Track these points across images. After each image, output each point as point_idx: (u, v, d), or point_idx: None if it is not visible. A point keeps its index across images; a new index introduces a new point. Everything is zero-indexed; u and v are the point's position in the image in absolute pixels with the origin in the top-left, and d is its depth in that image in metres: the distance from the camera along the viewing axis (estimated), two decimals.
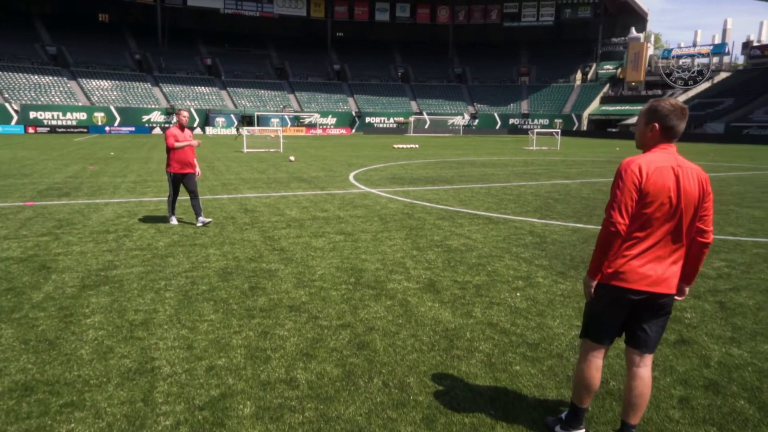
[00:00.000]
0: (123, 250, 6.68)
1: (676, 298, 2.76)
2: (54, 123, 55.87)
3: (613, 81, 74.82)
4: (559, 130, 41.61)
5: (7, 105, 53.56)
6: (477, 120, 74.08)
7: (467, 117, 73.46)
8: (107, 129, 57.76)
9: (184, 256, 6.43)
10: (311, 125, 67.84)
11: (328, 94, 74.21)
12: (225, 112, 65.11)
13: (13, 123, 53.51)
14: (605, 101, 72.05)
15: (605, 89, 73.64)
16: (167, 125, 61.17)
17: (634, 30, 74.44)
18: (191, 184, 8.29)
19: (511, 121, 73.47)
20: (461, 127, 70.64)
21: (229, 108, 66.60)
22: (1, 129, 51.72)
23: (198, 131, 61.16)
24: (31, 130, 53.72)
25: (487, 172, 17.92)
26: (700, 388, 3.38)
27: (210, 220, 8.36)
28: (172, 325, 4.28)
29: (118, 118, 59.14)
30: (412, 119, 68.92)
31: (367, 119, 71.78)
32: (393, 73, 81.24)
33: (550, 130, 40.90)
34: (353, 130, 70.55)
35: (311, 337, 4.10)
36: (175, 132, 8.10)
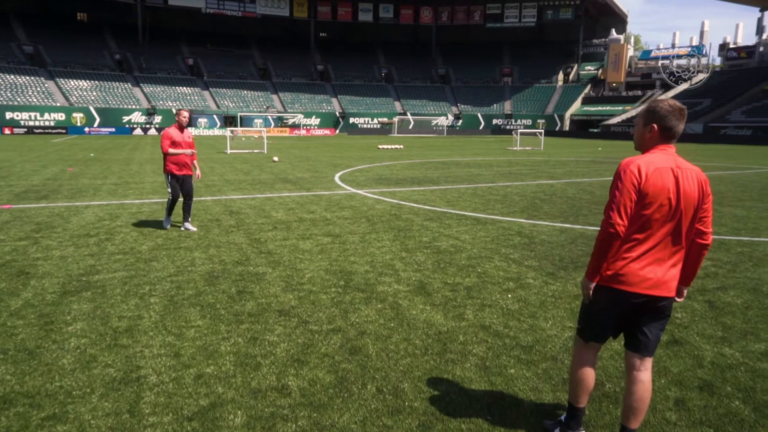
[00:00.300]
0: (105, 254, 6.51)
1: (677, 300, 2.74)
2: (31, 124, 54.75)
3: (595, 82, 75.78)
4: (542, 131, 41.96)
5: None
6: (461, 120, 74.43)
7: (451, 117, 73.76)
8: (86, 130, 56.78)
9: (168, 259, 6.28)
10: (295, 126, 67.49)
11: (312, 94, 73.91)
12: (207, 112, 64.46)
13: None
14: (587, 102, 72.92)
15: (587, 90, 74.54)
16: (148, 126, 60.34)
17: (614, 32, 75.50)
18: (187, 186, 7.91)
19: (494, 121, 73.95)
20: (445, 128, 70.89)
21: (211, 109, 65.94)
22: None
23: None
24: (7, 131, 52.61)
25: (472, 172, 17.96)
26: (695, 389, 3.37)
27: (195, 230, 7.86)
28: (158, 332, 4.16)
29: (98, 119, 58.17)
30: (396, 120, 68.96)
31: (351, 120, 71.65)
32: (377, 73, 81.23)
33: (533, 131, 41.26)
34: (337, 131, 70.36)
35: (302, 343, 4.01)
36: (173, 133, 7.62)
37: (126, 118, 59.90)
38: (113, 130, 57.82)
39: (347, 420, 3.00)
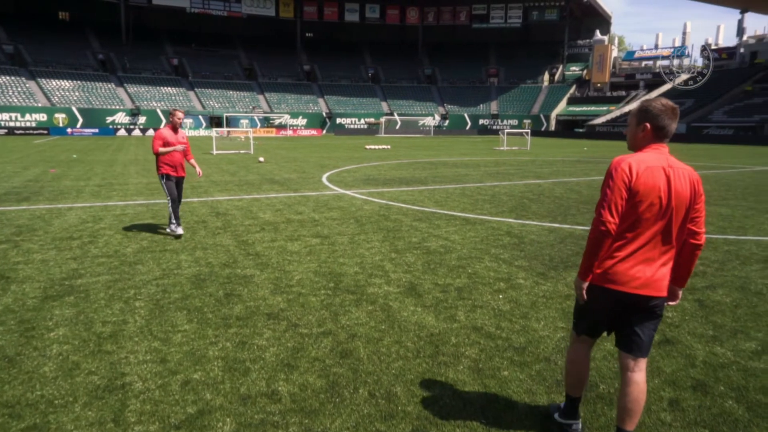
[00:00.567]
0: (88, 257, 6.37)
1: (670, 303, 2.72)
2: (12, 125, 53.77)
3: (580, 82, 76.42)
4: (529, 131, 42.19)
5: None
6: (447, 121, 74.57)
7: (438, 118, 73.87)
8: (69, 131, 55.89)
9: (154, 262, 6.16)
10: (281, 126, 67.12)
11: (298, 94, 73.56)
12: (193, 113, 63.82)
13: None
14: (572, 102, 73.49)
15: (572, 90, 75.13)
16: (132, 126, 59.61)
17: (598, 33, 76.25)
18: (179, 188, 7.65)
19: (481, 121, 74.22)
20: (432, 128, 70.99)
21: (197, 109, 65.30)
22: None
23: None
24: None
25: (460, 172, 17.97)
26: (689, 389, 3.36)
27: (181, 234, 7.49)
28: (144, 337, 4.05)
29: (81, 120, 57.29)
30: (383, 120, 68.90)
31: (338, 120, 71.45)
32: (363, 73, 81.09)
33: (520, 131, 41.45)
34: (324, 131, 70.11)
35: (292, 347, 3.93)
36: (165, 134, 7.43)
37: (110, 119, 59.07)
38: (96, 131, 56.98)
39: (339, 425, 2.94)
